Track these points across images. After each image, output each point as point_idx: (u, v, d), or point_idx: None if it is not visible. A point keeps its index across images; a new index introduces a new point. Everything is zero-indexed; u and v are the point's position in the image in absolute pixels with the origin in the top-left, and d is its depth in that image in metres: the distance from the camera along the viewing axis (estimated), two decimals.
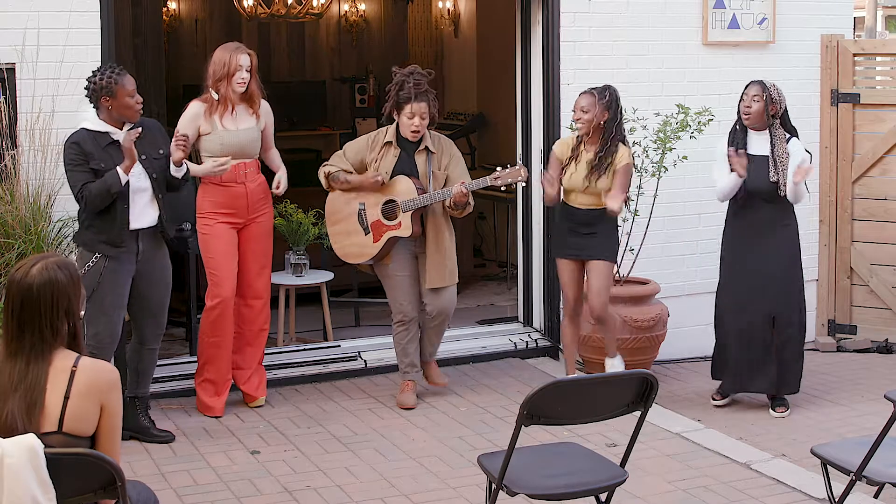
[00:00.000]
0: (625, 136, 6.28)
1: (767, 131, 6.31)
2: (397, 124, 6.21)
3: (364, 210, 6.25)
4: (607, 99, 6.14)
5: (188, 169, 5.66)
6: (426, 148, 6.21)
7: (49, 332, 3.27)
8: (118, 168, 5.32)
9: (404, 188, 6.16)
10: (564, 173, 6.23)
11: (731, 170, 6.24)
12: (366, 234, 6.26)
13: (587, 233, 6.25)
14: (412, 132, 6.13)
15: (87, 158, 5.35)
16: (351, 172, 6.28)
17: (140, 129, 5.41)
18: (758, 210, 6.32)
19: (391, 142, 6.22)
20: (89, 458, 3.24)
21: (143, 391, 5.75)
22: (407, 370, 6.39)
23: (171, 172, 5.56)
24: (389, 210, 6.19)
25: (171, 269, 5.73)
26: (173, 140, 5.58)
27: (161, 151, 5.56)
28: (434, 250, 6.20)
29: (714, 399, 6.58)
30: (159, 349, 5.83)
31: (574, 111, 6.21)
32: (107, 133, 5.42)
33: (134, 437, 5.67)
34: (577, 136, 6.25)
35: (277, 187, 6.23)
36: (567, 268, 6.37)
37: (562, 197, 6.29)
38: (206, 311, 6.07)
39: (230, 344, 6.14)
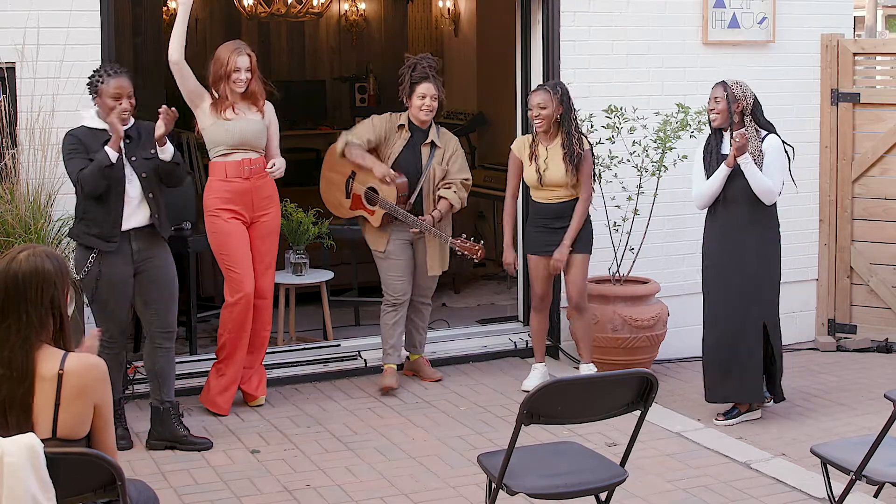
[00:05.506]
0: (580, 126, 6.46)
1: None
2: (409, 111, 6.50)
3: (352, 180, 6.64)
4: (560, 93, 6.30)
5: (174, 150, 5.47)
6: (432, 142, 6.50)
7: (35, 319, 3.20)
8: (106, 147, 5.26)
9: (387, 190, 6.43)
10: (528, 171, 6.39)
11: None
12: (346, 198, 6.66)
13: (560, 227, 6.38)
14: (423, 113, 6.41)
15: (86, 149, 5.31)
16: (368, 151, 6.54)
17: (127, 112, 5.33)
18: (735, 211, 6.03)
19: (403, 125, 6.52)
20: (89, 458, 3.23)
21: (168, 397, 5.62)
22: (389, 352, 6.61)
23: (160, 156, 5.40)
24: (371, 196, 6.52)
25: (174, 269, 5.60)
26: (160, 116, 5.37)
27: (153, 151, 5.43)
28: (436, 241, 6.52)
29: (718, 420, 6.17)
30: (174, 349, 5.71)
31: (531, 109, 6.35)
32: (105, 130, 5.37)
33: (171, 447, 5.57)
34: (534, 134, 6.40)
35: (272, 167, 6.04)
36: (540, 264, 6.48)
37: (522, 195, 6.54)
38: (229, 306, 5.99)
39: (247, 341, 6.08)
